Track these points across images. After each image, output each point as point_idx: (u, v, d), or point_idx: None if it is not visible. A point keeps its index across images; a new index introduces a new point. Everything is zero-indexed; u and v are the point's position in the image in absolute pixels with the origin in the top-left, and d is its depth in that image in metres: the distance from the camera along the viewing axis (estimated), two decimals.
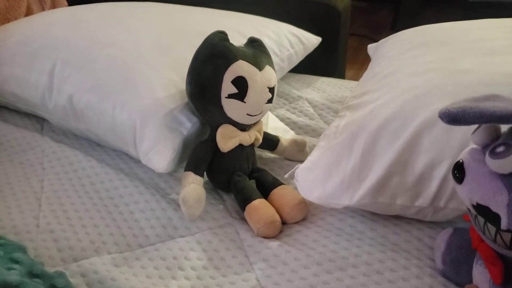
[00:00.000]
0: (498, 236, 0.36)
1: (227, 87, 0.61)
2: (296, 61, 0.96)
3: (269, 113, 0.88)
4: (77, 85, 0.71)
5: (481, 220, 0.37)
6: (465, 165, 0.37)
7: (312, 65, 1.13)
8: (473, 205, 0.36)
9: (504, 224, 0.34)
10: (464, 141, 0.51)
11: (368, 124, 0.57)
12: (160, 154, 0.64)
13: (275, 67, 0.89)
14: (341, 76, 1.24)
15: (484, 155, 0.36)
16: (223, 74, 0.60)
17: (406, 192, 0.53)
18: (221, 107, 0.62)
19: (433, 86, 0.58)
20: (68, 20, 0.86)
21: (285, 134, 0.80)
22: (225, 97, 0.61)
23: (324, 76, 1.08)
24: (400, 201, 0.53)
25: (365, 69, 0.81)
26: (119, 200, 0.65)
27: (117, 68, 0.70)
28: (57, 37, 0.79)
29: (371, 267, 0.51)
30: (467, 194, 0.37)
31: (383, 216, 0.59)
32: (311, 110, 0.91)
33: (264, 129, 0.78)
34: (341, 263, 0.52)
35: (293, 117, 0.89)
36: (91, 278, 0.51)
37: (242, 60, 0.62)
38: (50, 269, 0.50)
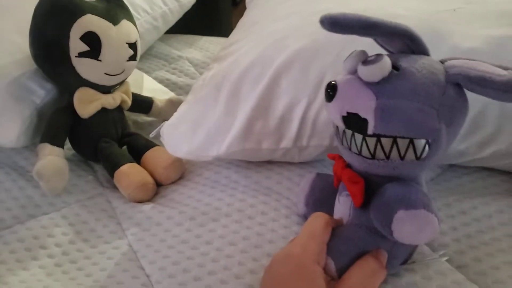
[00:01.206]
0: (364, 146, 0.37)
1: (76, 45, 0.55)
2: (172, 19, 0.92)
3: (144, 75, 0.83)
4: None
5: (349, 133, 0.37)
6: (337, 83, 0.37)
7: (195, 26, 1.09)
8: (342, 117, 0.37)
9: (370, 129, 0.35)
10: (319, 79, 0.52)
11: (231, 73, 0.55)
12: (6, 127, 0.57)
13: (148, 26, 0.85)
14: (227, 35, 1.22)
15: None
16: (69, 31, 0.54)
17: (270, 135, 0.53)
18: (73, 67, 0.56)
19: (291, 29, 0.58)
20: None
21: (164, 96, 0.76)
22: (76, 56, 0.55)
23: (209, 36, 1.06)
24: (266, 145, 0.53)
25: None
26: None
27: None
28: None
29: (243, 213, 0.51)
30: (337, 108, 0.37)
31: (257, 163, 0.59)
32: (192, 69, 0.88)
33: (139, 91, 0.74)
34: (214, 215, 0.52)
35: (173, 77, 0.85)
36: None
37: (91, 14, 0.56)
38: None
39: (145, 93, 0.74)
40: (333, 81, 0.38)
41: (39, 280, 0.45)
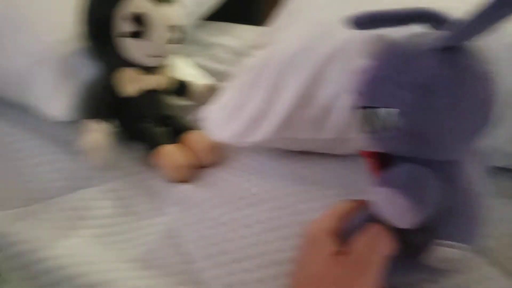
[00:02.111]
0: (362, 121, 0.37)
1: (123, 25, 0.56)
2: (209, 4, 0.92)
3: (182, 59, 0.84)
4: None
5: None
6: None
7: (232, 14, 1.08)
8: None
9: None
10: None
11: (273, 60, 0.55)
12: (55, 101, 0.58)
13: (186, 10, 0.85)
14: (258, 24, 1.21)
15: None
16: (117, 11, 0.55)
17: (311, 125, 0.53)
18: (119, 47, 0.57)
19: (337, 18, 0.57)
20: None
21: (201, 81, 0.76)
22: (122, 36, 0.56)
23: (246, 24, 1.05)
24: (306, 135, 0.53)
25: None
26: (17, 154, 0.60)
27: None
28: None
29: (281, 200, 0.51)
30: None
31: (295, 152, 0.59)
32: (228, 56, 0.88)
33: (178, 75, 0.75)
34: (251, 200, 0.52)
35: (209, 63, 0.85)
36: None
37: None
38: None
39: (183, 77, 0.74)
40: None
41: (78, 250, 0.46)
